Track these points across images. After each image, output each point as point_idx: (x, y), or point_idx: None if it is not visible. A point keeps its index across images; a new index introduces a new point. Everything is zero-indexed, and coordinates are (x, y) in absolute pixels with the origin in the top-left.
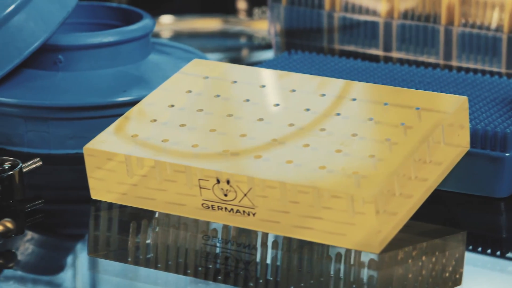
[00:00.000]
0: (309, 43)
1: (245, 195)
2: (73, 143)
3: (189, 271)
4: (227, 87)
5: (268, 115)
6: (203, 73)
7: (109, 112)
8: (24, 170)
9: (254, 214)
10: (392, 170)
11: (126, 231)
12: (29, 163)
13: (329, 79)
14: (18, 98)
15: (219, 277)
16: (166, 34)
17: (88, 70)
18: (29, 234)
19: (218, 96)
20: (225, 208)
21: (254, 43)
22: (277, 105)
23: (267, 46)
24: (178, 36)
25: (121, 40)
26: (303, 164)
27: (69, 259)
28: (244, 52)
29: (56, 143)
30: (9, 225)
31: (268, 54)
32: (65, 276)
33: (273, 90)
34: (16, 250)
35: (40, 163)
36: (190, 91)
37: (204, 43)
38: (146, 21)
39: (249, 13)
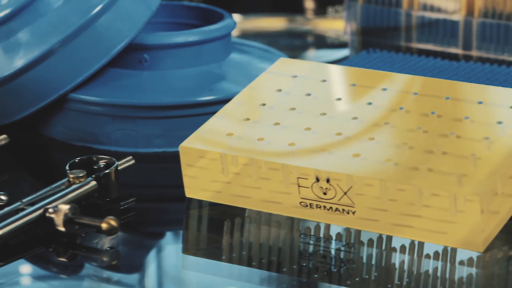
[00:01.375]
0: (386, 41)
1: (345, 193)
2: (160, 142)
3: (284, 269)
4: (317, 86)
5: (361, 113)
6: (291, 72)
7: (195, 111)
8: (119, 168)
9: (353, 213)
10: (493, 168)
11: (220, 229)
12: (123, 161)
13: (420, 77)
14: (106, 97)
15: (315, 275)
16: (233, 33)
17: (172, 69)
18: (125, 232)
19: (309, 94)
20: (324, 207)
21: (324, 42)
22: (370, 104)
23: (336, 45)
24: (244, 35)
25: (205, 39)
26: (401, 163)
27: (164, 257)
28: (313, 51)
29: (143, 142)
30: (113, 222)
31: (338, 54)
32: (160, 274)
33: (364, 89)
34: (114, 247)
35: (133, 161)
36: (279, 90)
37: (271, 42)
38: (228, 21)
39: (317, 12)
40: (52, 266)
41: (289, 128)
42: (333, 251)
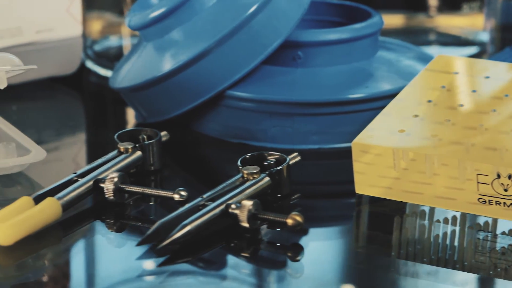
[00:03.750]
0: None
1: None
2: (316, 139)
3: (457, 266)
4: (481, 83)
5: None
6: (450, 68)
7: (350, 108)
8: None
9: None
10: None
11: (389, 224)
12: (290, 157)
13: None
14: (263, 94)
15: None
16: None
17: (325, 66)
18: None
19: (474, 91)
20: (504, 203)
21: (449, 40)
22: None
23: (462, 43)
24: None
25: (357, 36)
26: None
27: (335, 253)
28: (437, 49)
29: (299, 139)
30: (298, 218)
31: (464, 51)
32: (329, 268)
33: None
34: (296, 243)
35: (299, 158)
36: (443, 87)
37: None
38: (376, 18)
39: (439, 9)
40: (233, 261)
41: (457, 125)
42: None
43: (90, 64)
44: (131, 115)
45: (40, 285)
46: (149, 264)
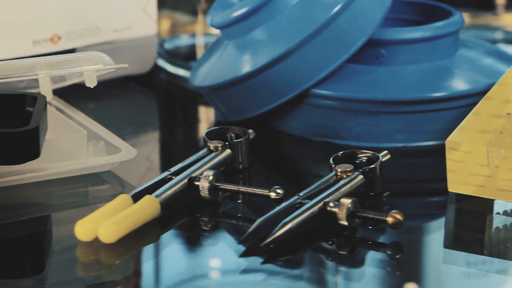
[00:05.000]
0: None
1: None
2: (401, 137)
3: None
4: None
5: None
6: None
7: (436, 106)
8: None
9: None
10: None
11: (481, 223)
12: (381, 155)
13: None
14: (348, 92)
15: None
16: None
17: (407, 64)
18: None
19: None
20: None
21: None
22: None
23: None
24: None
25: (439, 34)
26: None
27: (424, 250)
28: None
29: (384, 137)
30: (399, 216)
31: None
32: (422, 267)
33: None
34: (396, 241)
35: (389, 156)
36: None
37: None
38: (457, 17)
39: (507, 8)
40: (332, 259)
41: None
42: None
43: (161, 62)
44: (203, 113)
45: (141, 281)
46: (250, 262)
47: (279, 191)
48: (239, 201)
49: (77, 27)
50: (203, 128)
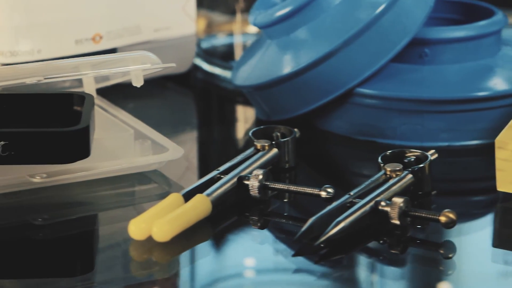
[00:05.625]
0: None
1: None
2: (445, 136)
3: None
4: None
5: None
6: None
7: (480, 105)
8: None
9: None
10: None
11: None
12: (429, 153)
13: None
14: (392, 91)
15: None
16: None
17: (451, 64)
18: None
19: None
20: None
21: None
22: None
23: None
24: None
25: (483, 33)
26: None
27: (472, 249)
28: None
29: (428, 136)
30: (452, 216)
31: None
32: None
33: None
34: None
35: (436, 155)
36: None
37: None
38: (500, 16)
39: None
40: (384, 258)
41: None
42: None
43: (197, 61)
44: (241, 112)
45: (193, 278)
46: (302, 261)
47: (329, 190)
48: (285, 200)
49: (118, 26)
50: (243, 127)
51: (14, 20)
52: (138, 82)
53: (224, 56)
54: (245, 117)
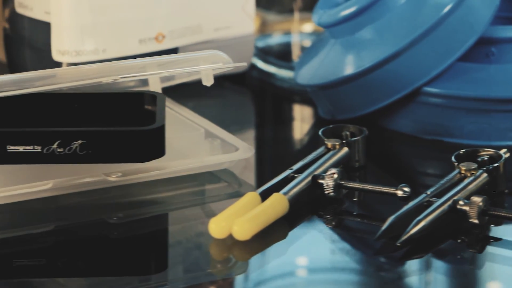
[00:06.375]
0: None
1: None
2: None
3: None
4: None
5: None
6: None
7: None
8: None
9: None
10: None
11: None
12: (502, 152)
13: None
14: (460, 90)
15: None
16: None
17: None
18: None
19: None
20: None
21: None
22: None
23: None
24: None
25: None
26: None
27: None
28: None
29: (496, 135)
30: None
31: None
32: None
33: None
34: None
35: (508, 154)
36: None
37: None
38: None
39: None
40: (462, 257)
41: None
42: None
43: (253, 60)
44: (298, 111)
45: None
46: (382, 260)
47: (406, 189)
48: (354, 199)
49: (180, 26)
50: (303, 126)
51: (80, 19)
52: (208, 82)
53: (280, 55)
54: (302, 116)
